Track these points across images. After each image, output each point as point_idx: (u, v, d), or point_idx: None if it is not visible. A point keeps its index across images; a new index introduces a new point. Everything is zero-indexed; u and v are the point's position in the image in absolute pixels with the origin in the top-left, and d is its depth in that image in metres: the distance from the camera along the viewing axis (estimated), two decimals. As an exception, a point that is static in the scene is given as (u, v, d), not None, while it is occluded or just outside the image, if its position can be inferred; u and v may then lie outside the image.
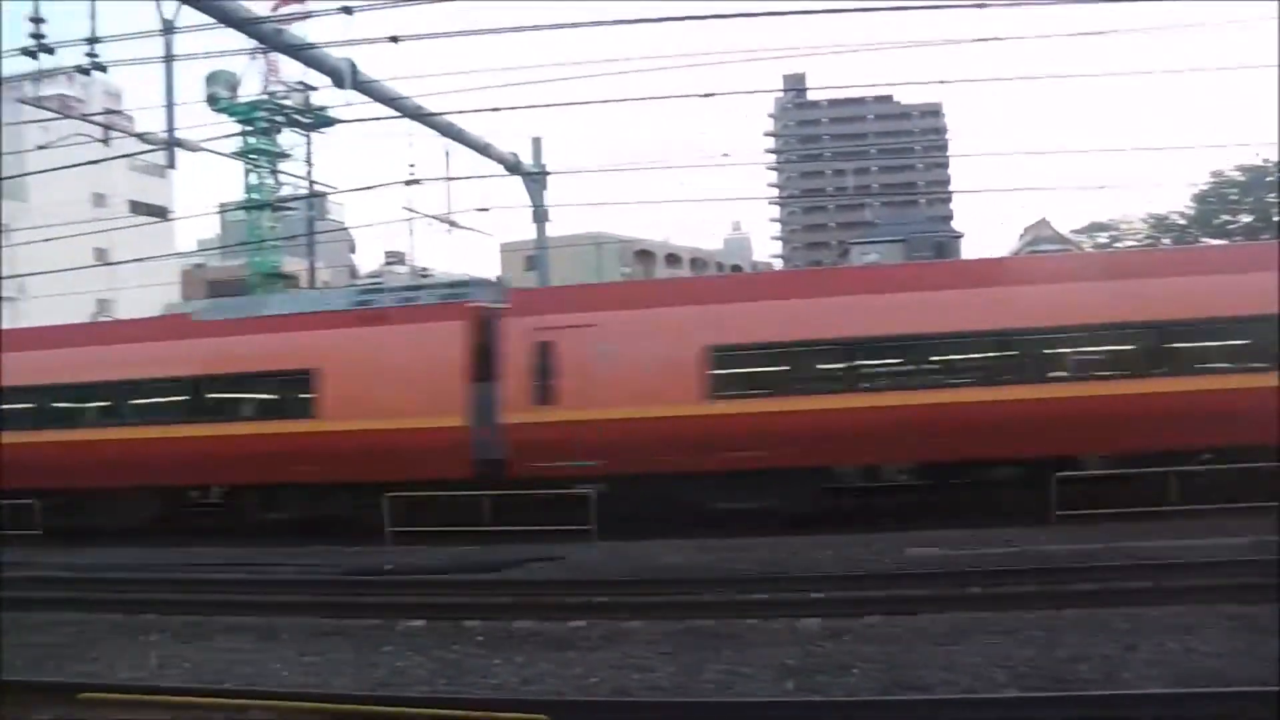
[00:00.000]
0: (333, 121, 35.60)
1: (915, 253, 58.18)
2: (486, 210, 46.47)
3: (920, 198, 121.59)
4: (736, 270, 77.76)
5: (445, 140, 28.83)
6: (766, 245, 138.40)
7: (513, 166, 30.23)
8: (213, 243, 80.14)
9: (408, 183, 29.33)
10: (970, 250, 74.75)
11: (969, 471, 20.24)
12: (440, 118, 26.64)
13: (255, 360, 21.85)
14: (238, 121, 41.97)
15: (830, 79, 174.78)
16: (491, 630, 12.33)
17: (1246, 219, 59.23)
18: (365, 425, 20.42)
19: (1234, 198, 60.70)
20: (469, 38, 32.79)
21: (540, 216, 31.08)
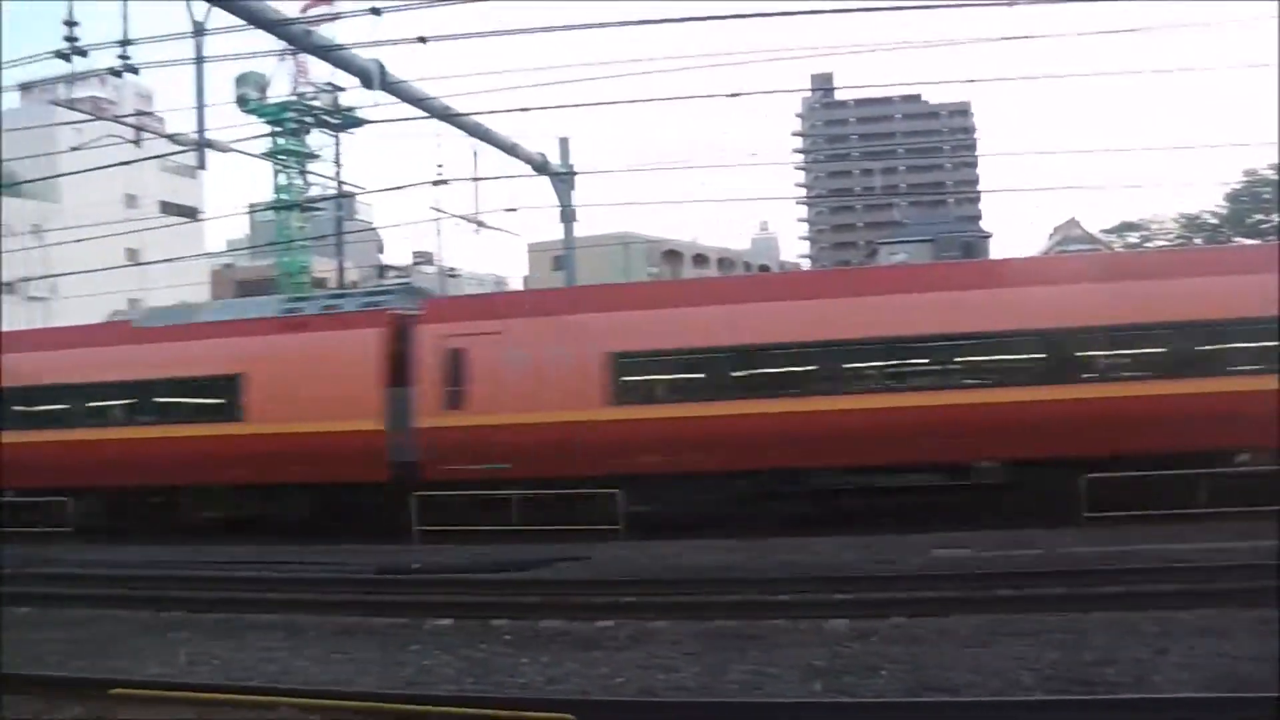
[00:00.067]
0: (361, 122, 35.83)
1: (943, 252, 57.96)
2: (514, 210, 46.43)
3: (948, 197, 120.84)
4: (764, 270, 77.60)
5: (473, 140, 28.89)
6: (794, 245, 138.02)
7: (540, 166, 30.23)
8: (242, 243, 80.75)
9: (435, 183, 29.53)
10: (999, 250, 74.26)
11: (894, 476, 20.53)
12: (468, 118, 26.70)
13: (188, 366, 22.56)
14: (267, 122, 42.27)
15: (858, 78, 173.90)
16: (519, 629, 12.35)
17: (1280, 218, 58.54)
18: (288, 428, 21.04)
19: (1268, 196, 59.93)
20: (497, 38, 32.87)
21: (568, 216, 31.10)
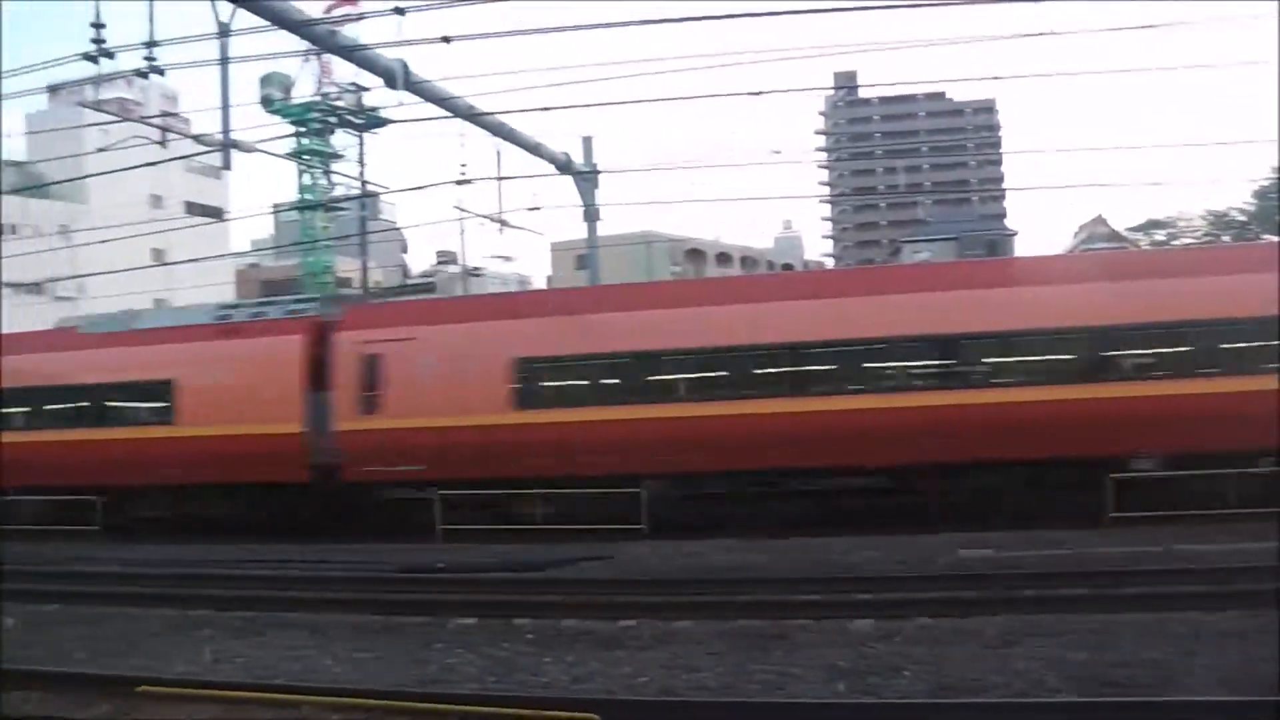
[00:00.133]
0: (385, 122, 35.87)
1: (968, 250, 57.70)
2: (538, 209, 46.40)
3: (973, 195, 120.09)
4: (788, 269, 77.30)
5: (497, 140, 28.97)
6: (818, 244, 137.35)
7: (564, 166, 30.27)
8: (266, 243, 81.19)
9: (459, 182, 29.53)
10: (1024, 249, 73.76)
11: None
12: (491, 117, 26.78)
13: (126, 370, 23.18)
14: (291, 123, 42.34)
15: (881, 76, 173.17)
16: (542, 629, 12.37)
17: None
18: (214, 431, 21.58)
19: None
20: (520, 37, 33.08)
21: (591, 215, 31.15)
